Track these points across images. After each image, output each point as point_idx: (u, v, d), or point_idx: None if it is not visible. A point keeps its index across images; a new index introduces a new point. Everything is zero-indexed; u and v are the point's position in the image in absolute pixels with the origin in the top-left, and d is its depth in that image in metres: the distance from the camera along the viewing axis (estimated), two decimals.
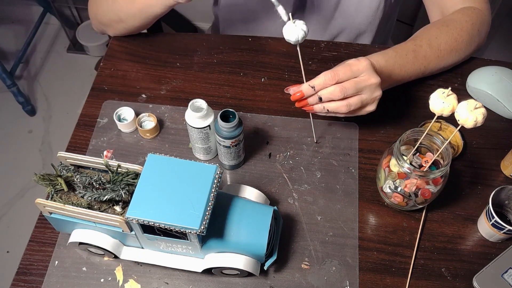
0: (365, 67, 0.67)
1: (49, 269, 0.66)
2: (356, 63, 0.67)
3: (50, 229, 0.69)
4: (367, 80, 0.67)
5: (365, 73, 0.67)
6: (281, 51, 0.90)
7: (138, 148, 0.77)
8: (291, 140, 0.79)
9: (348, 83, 0.66)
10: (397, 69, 0.77)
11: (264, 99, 0.84)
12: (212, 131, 0.70)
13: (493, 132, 0.81)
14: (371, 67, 0.68)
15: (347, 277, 0.66)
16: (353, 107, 0.68)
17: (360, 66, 0.67)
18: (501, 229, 0.65)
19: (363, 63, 0.67)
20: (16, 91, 1.84)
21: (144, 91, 0.84)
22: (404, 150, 0.69)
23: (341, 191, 0.74)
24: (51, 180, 0.60)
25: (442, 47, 0.79)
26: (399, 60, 0.77)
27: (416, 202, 0.67)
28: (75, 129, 0.79)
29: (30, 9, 2.19)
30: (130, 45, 0.90)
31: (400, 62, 0.77)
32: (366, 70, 0.67)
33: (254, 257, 0.61)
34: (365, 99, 0.68)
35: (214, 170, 0.57)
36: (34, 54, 2.11)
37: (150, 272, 0.66)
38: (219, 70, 0.88)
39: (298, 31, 0.63)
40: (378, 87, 0.69)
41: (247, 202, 0.62)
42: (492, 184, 0.75)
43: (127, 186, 0.59)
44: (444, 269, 0.67)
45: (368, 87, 0.67)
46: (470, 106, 0.56)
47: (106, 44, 2.02)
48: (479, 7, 0.83)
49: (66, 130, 1.02)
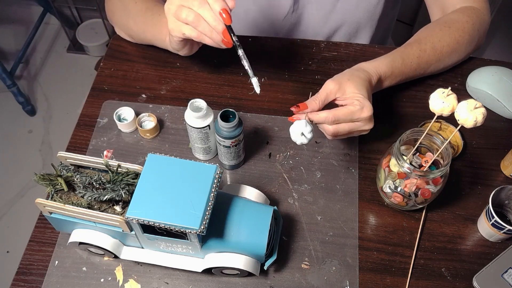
0: (366, 118, 0.67)
1: (49, 269, 0.66)
2: (359, 113, 0.66)
3: (50, 229, 0.69)
4: (365, 125, 0.67)
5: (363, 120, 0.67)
6: (281, 51, 0.90)
7: (138, 148, 0.77)
8: (291, 140, 0.78)
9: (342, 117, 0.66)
10: (399, 76, 0.78)
11: (264, 99, 0.84)
12: (211, 131, 0.70)
13: (493, 132, 0.81)
14: (372, 113, 0.67)
15: (347, 277, 0.66)
16: (340, 133, 0.68)
17: (362, 115, 0.66)
18: (501, 229, 0.65)
19: (366, 115, 0.66)
20: (16, 91, 1.84)
21: (144, 91, 0.84)
22: (404, 150, 0.69)
23: (341, 191, 0.74)
24: (51, 180, 0.60)
25: (445, 50, 0.80)
26: (403, 68, 0.77)
27: (416, 202, 0.67)
28: (75, 129, 0.79)
29: (30, 9, 2.19)
30: (130, 45, 0.90)
31: (404, 71, 0.78)
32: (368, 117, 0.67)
33: (254, 257, 0.61)
34: (356, 129, 0.68)
35: (214, 170, 0.57)
36: (34, 54, 2.11)
37: (150, 272, 0.66)
38: (219, 70, 0.88)
39: (302, 138, 0.64)
40: (371, 122, 0.69)
41: (247, 202, 0.62)
42: (492, 184, 0.75)
43: (127, 186, 0.59)
44: (444, 269, 0.67)
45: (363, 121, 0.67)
46: (470, 106, 0.56)
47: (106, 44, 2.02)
48: (478, 6, 0.83)
49: (66, 130, 1.02)
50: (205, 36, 0.64)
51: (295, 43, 0.91)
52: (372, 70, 0.74)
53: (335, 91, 0.67)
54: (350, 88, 0.67)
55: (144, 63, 0.88)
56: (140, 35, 0.85)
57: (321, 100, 0.67)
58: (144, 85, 0.85)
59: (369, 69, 0.74)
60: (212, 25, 0.62)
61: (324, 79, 0.86)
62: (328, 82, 0.68)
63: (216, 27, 0.62)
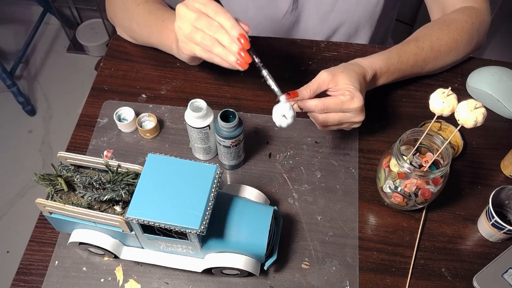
0: (357, 108, 0.67)
1: (49, 269, 0.66)
2: (349, 103, 0.66)
3: (50, 229, 0.69)
4: (355, 116, 0.67)
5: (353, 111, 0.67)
6: (281, 51, 0.90)
7: (138, 148, 0.77)
8: (291, 140, 0.79)
9: (332, 106, 0.66)
10: (395, 73, 0.78)
11: (264, 99, 0.84)
12: (211, 131, 0.70)
13: (493, 132, 0.81)
14: (362, 104, 0.67)
15: (347, 277, 0.66)
16: (330, 123, 0.68)
17: (352, 106, 0.66)
18: (501, 229, 0.65)
19: (356, 105, 0.66)
20: (16, 91, 1.84)
21: (144, 91, 0.84)
22: (404, 150, 0.69)
23: (341, 191, 0.74)
24: (51, 180, 0.60)
25: (442, 49, 0.80)
26: (400, 65, 0.77)
27: (416, 202, 0.67)
28: (75, 129, 0.79)
29: (30, 9, 2.19)
30: (130, 45, 0.90)
31: (400, 68, 0.78)
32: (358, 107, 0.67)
33: (254, 257, 0.61)
34: (345, 120, 0.68)
35: (214, 170, 0.57)
36: (34, 54, 2.11)
37: (150, 272, 0.66)
38: (219, 70, 0.87)
39: (282, 120, 0.63)
40: (362, 113, 0.68)
41: (247, 202, 0.62)
42: (492, 184, 0.75)
43: (127, 186, 0.59)
44: (444, 269, 0.67)
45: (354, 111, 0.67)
46: (470, 106, 0.56)
47: (106, 44, 2.02)
48: (478, 6, 0.83)
49: (66, 130, 1.02)
50: (218, 58, 0.63)
51: (295, 43, 0.91)
52: (368, 65, 0.74)
53: (327, 81, 0.68)
54: (342, 80, 0.68)
55: (144, 63, 0.88)
56: (145, 39, 0.85)
57: (313, 89, 0.67)
58: (144, 85, 0.85)
59: (365, 64, 0.74)
60: (228, 48, 0.61)
61: None
62: (321, 72, 0.69)
63: (232, 50, 0.61)
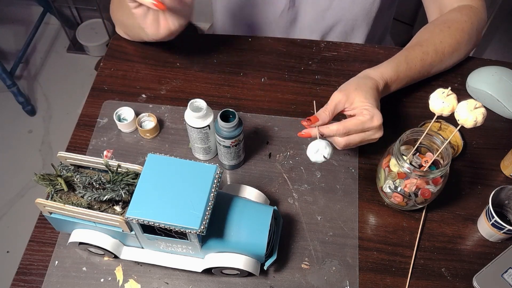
0: (377, 126, 0.67)
1: (49, 269, 0.66)
2: (369, 123, 0.66)
3: (50, 229, 0.69)
4: (375, 133, 0.67)
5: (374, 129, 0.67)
6: (281, 51, 0.90)
7: (138, 148, 0.77)
8: (291, 140, 0.79)
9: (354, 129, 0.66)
10: (405, 80, 0.78)
11: (264, 99, 0.84)
12: (211, 131, 0.70)
13: (493, 132, 0.81)
14: (381, 122, 0.67)
15: (347, 277, 0.66)
16: (352, 144, 0.67)
17: (373, 125, 0.66)
18: (501, 229, 0.65)
19: (376, 124, 0.66)
20: (16, 91, 1.84)
21: (144, 91, 0.84)
22: (404, 150, 0.69)
23: (341, 191, 0.74)
24: (51, 180, 0.60)
25: (446, 51, 0.80)
26: (408, 72, 0.77)
27: (416, 202, 0.67)
28: (75, 129, 0.79)
29: (30, 9, 2.19)
30: (130, 45, 0.90)
31: (409, 74, 0.78)
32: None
33: (254, 257, 0.61)
34: (366, 138, 0.68)
35: (214, 170, 0.57)
36: (34, 54, 2.11)
37: (150, 272, 0.66)
38: (219, 70, 0.88)
39: (319, 157, 0.63)
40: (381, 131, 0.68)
41: (247, 202, 0.62)
42: (492, 184, 0.75)
43: (127, 186, 0.59)
44: (444, 269, 0.67)
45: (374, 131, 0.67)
46: (470, 106, 0.56)
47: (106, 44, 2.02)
48: (475, 5, 0.83)
49: (66, 130, 1.02)
50: None
51: (295, 43, 0.91)
52: (379, 76, 0.73)
53: (343, 102, 0.67)
54: (358, 98, 0.67)
55: (144, 63, 0.88)
56: (126, 26, 0.85)
57: (331, 111, 0.66)
58: (144, 85, 0.85)
59: (375, 76, 0.73)
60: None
61: (324, 79, 0.87)
62: (335, 93, 0.68)
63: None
